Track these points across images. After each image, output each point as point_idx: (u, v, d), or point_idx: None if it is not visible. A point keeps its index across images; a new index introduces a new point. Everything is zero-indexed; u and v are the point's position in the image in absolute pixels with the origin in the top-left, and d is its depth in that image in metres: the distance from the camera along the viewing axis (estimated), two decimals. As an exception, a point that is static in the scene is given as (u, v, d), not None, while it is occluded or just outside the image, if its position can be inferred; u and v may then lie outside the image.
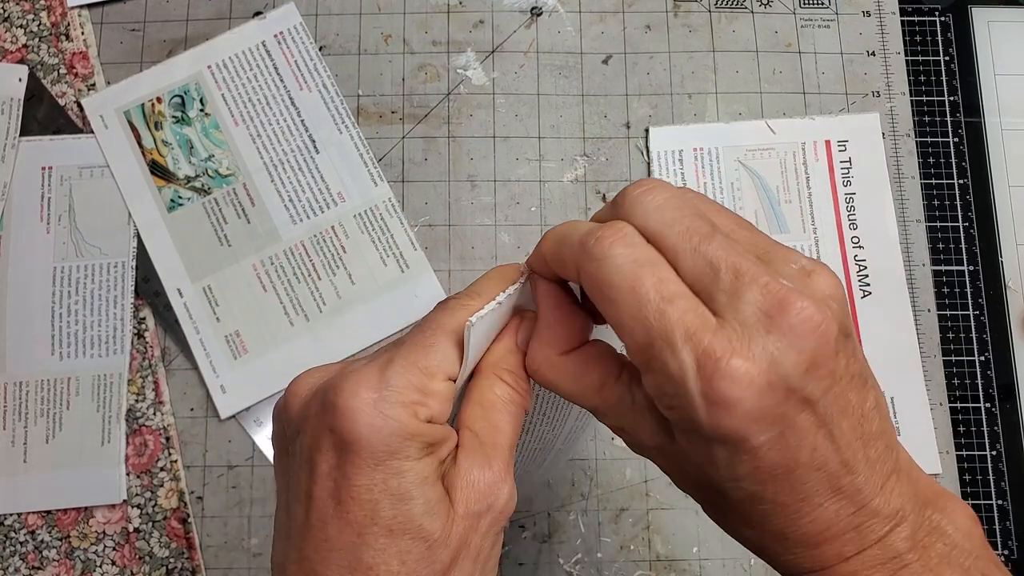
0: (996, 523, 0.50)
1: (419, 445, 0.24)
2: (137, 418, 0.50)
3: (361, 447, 0.24)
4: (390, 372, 0.24)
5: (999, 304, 0.53)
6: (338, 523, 0.24)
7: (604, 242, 0.23)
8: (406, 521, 0.24)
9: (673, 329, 0.21)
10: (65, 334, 0.51)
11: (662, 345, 0.21)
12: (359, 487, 0.24)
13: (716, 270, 0.22)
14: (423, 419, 0.24)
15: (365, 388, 0.24)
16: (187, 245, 0.52)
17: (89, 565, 0.49)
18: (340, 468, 0.24)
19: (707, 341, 0.21)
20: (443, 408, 0.25)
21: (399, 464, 0.24)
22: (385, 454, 0.24)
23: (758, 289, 0.22)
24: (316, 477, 0.24)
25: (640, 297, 0.22)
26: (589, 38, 0.56)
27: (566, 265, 0.25)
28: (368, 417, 0.24)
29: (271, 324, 0.51)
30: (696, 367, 0.21)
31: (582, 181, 0.54)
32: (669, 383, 0.22)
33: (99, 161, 0.53)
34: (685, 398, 0.21)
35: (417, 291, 0.52)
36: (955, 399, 0.51)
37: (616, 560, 0.49)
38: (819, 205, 0.54)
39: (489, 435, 0.26)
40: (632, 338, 0.22)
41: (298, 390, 0.26)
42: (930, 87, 0.56)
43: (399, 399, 0.24)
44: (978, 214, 0.54)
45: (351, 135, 0.54)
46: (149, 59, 0.55)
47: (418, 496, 0.24)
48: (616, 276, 0.23)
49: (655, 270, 0.23)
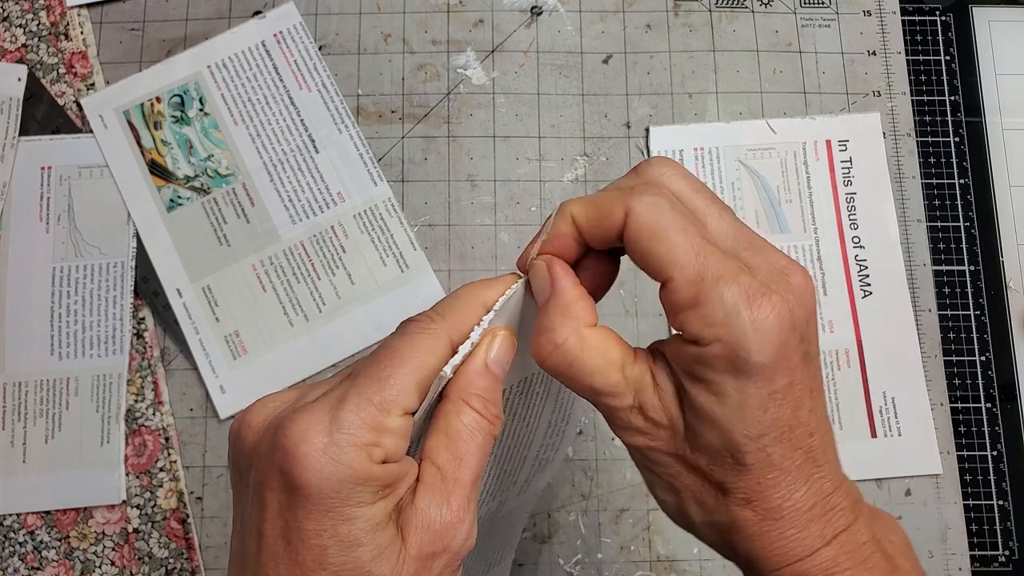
0: (996, 523, 0.50)
1: (372, 489, 0.24)
2: (136, 418, 0.50)
3: (310, 493, 0.23)
4: (342, 412, 0.24)
5: (1000, 304, 0.53)
6: (287, 563, 0.24)
7: (652, 190, 0.26)
8: (354, 567, 0.23)
9: (722, 266, 0.24)
10: (64, 334, 0.51)
11: (714, 278, 0.24)
12: (308, 531, 0.23)
13: (738, 234, 0.26)
14: (377, 460, 0.24)
15: (315, 431, 0.23)
16: (186, 245, 0.52)
17: (88, 565, 0.49)
18: (291, 510, 0.24)
19: (750, 280, 0.24)
20: (399, 446, 0.24)
21: (350, 511, 0.23)
22: (336, 501, 0.23)
23: (769, 252, 0.26)
24: (267, 515, 0.24)
25: (691, 237, 0.25)
26: (589, 37, 0.56)
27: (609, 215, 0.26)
28: (317, 463, 0.23)
29: (270, 324, 0.51)
30: (745, 297, 0.24)
31: (582, 181, 0.54)
32: (721, 311, 0.24)
33: (98, 161, 0.53)
34: (736, 325, 0.24)
35: (417, 291, 0.52)
36: (956, 399, 0.51)
37: (616, 561, 0.49)
38: (820, 205, 0.53)
39: (452, 469, 0.25)
40: (683, 273, 0.24)
41: (252, 421, 0.26)
42: (931, 87, 0.56)
43: (351, 441, 0.23)
44: (979, 214, 0.54)
45: (351, 135, 0.54)
46: (148, 59, 0.55)
47: (367, 543, 0.24)
48: (668, 216, 0.25)
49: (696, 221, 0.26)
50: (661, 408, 0.26)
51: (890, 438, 0.50)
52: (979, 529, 0.50)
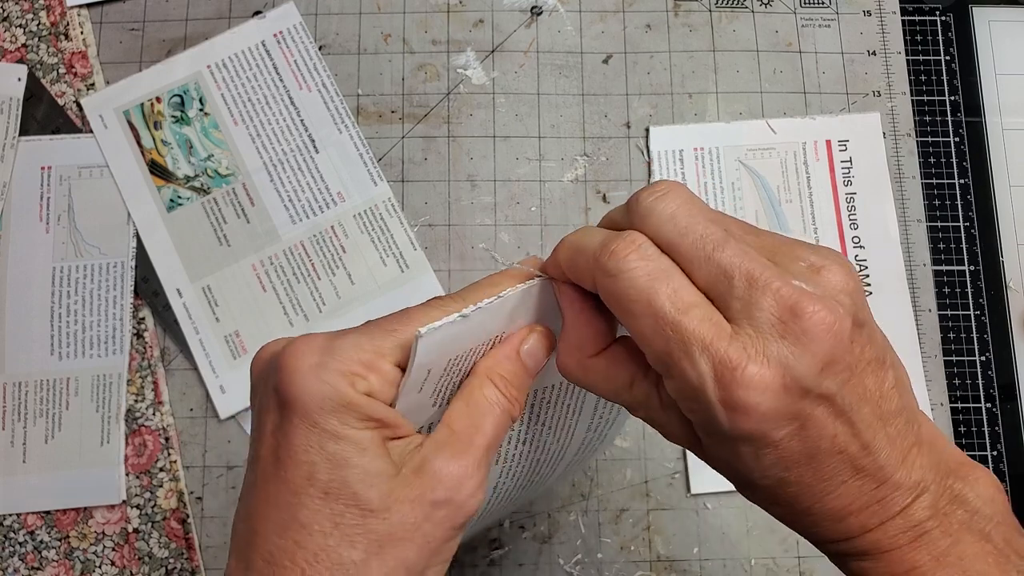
0: (997, 523, 0.50)
1: (358, 416, 0.24)
2: (136, 418, 0.50)
3: (296, 407, 0.24)
4: (339, 342, 0.25)
5: (1000, 304, 0.53)
6: (276, 481, 0.24)
7: (618, 255, 0.24)
8: (341, 486, 0.24)
9: (690, 340, 0.22)
10: (64, 334, 0.51)
11: (680, 355, 0.22)
12: (296, 447, 0.24)
13: (730, 277, 0.23)
14: (361, 390, 0.24)
15: (308, 352, 0.25)
16: (186, 245, 0.52)
17: (88, 565, 0.49)
18: (281, 427, 0.24)
19: (723, 350, 0.22)
20: (384, 388, 0.25)
21: (336, 429, 0.24)
22: (319, 415, 0.24)
23: (771, 295, 0.22)
24: (262, 436, 0.25)
25: (656, 310, 0.23)
26: (589, 37, 0.56)
27: (583, 276, 0.26)
28: (304, 378, 0.24)
29: (271, 324, 0.51)
30: (714, 375, 0.22)
31: (582, 181, 0.54)
32: (689, 390, 0.23)
33: (98, 161, 0.53)
34: (705, 404, 0.22)
35: (417, 291, 0.52)
36: (956, 399, 0.51)
37: (616, 561, 0.49)
38: (820, 205, 0.53)
39: (466, 433, 0.26)
40: (651, 348, 0.23)
41: (262, 354, 0.27)
42: (931, 87, 0.56)
43: (339, 368, 0.24)
44: (979, 214, 0.54)
45: (351, 135, 0.54)
46: (148, 59, 0.55)
47: (355, 464, 0.24)
48: (631, 290, 0.23)
49: (669, 281, 0.23)
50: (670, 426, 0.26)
51: (890, 438, 0.50)
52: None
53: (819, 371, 0.22)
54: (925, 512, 0.24)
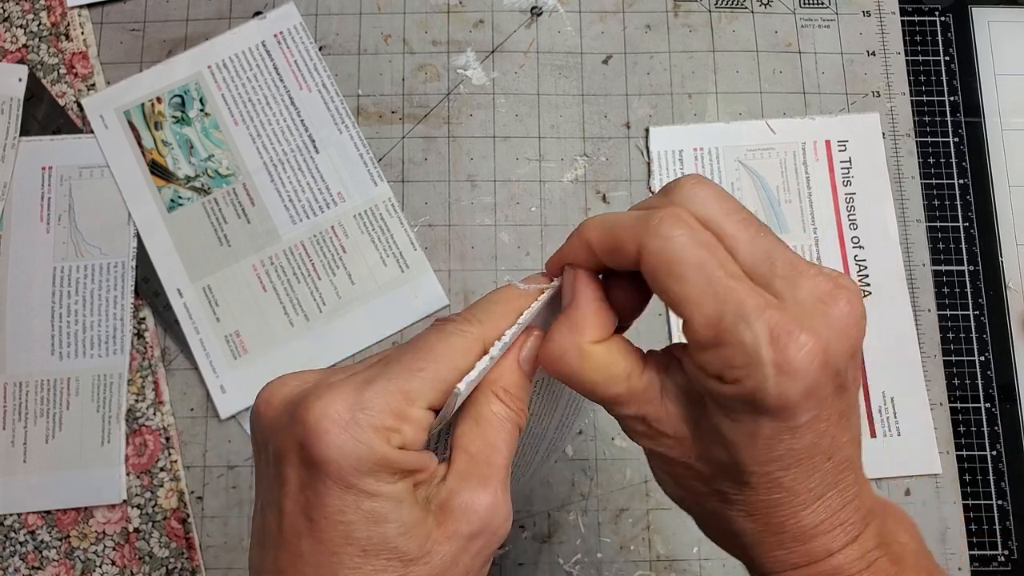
0: (996, 523, 0.50)
1: (390, 471, 0.24)
2: (137, 418, 0.50)
3: (330, 469, 0.23)
4: (368, 393, 0.24)
5: (999, 304, 0.53)
6: (311, 540, 0.24)
7: (668, 221, 0.24)
8: (381, 542, 0.24)
9: (744, 303, 0.23)
10: (65, 334, 0.51)
11: (734, 318, 0.22)
12: (331, 507, 0.23)
13: (774, 258, 0.24)
14: (395, 445, 0.24)
15: (338, 407, 0.23)
16: (187, 245, 0.52)
17: (89, 565, 0.49)
18: (312, 486, 0.24)
19: (777, 316, 0.22)
20: (418, 436, 0.25)
21: (372, 487, 0.23)
22: (354, 477, 0.23)
23: (811, 279, 0.23)
24: (287, 491, 0.24)
25: (709, 273, 0.23)
26: (589, 38, 0.56)
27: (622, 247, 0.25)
28: (338, 439, 0.23)
29: (271, 324, 0.51)
30: (769, 338, 0.22)
31: (582, 181, 0.54)
32: (741, 354, 0.22)
33: (99, 161, 0.53)
34: (756, 368, 0.22)
35: (417, 291, 0.52)
36: (955, 399, 0.51)
37: (616, 560, 0.49)
38: (819, 205, 0.54)
39: (485, 454, 0.26)
40: (701, 312, 0.23)
41: (271, 399, 0.26)
42: (930, 87, 0.56)
43: (372, 423, 0.23)
44: (978, 214, 0.54)
45: (351, 135, 0.54)
46: (149, 59, 0.55)
47: (393, 519, 0.24)
48: (684, 252, 0.23)
49: (719, 251, 0.24)
50: (666, 420, 0.26)
51: (889, 438, 0.51)
52: (978, 529, 0.50)
53: (848, 357, 0.23)
54: (873, 541, 0.25)
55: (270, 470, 0.25)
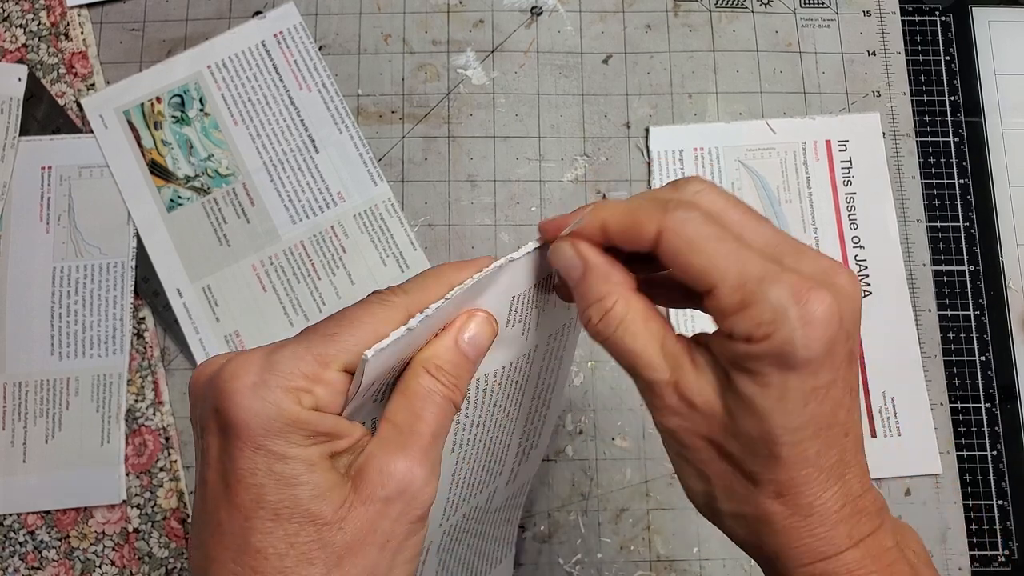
0: (996, 523, 0.50)
1: (304, 432, 0.24)
2: (136, 418, 0.50)
3: (240, 430, 0.23)
4: (277, 356, 0.24)
5: (999, 304, 0.53)
6: (227, 507, 0.24)
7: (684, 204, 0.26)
8: (293, 505, 0.24)
9: (765, 268, 0.24)
10: (64, 334, 0.51)
11: (758, 280, 0.24)
12: (243, 471, 0.24)
13: (779, 241, 0.26)
14: (307, 406, 0.24)
15: (247, 371, 0.24)
16: (186, 245, 0.52)
17: (89, 565, 0.49)
18: (226, 451, 0.24)
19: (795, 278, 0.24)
20: (332, 399, 0.25)
21: (282, 449, 0.24)
22: (265, 439, 0.23)
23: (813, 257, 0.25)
24: (208, 460, 0.25)
25: (728, 244, 0.25)
26: (589, 38, 0.56)
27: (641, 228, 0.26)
28: (246, 399, 0.23)
29: (271, 324, 0.51)
30: (793, 295, 0.24)
31: (582, 181, 0.54)
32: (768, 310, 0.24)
33: (99, 161, 0.53)
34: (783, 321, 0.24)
35: (417, 291, 0.52)
36: (955, 399, 0.51)
37: (616, 560, 0.49)
38: (819, 205, 0.54)
39: (408, 424, 0.26)
40: (725, 279, 0.25)
41: (198, 375, 0.26)
42: (931, 87, 0.56)
43: (281, 384, 0.24)
44: (979, 214, 0.54)
45: (351, 135, 0.54)
46: (149, 59, 0.55)
47: (305, 482, 0.24)
48: (703, 229, 0.25)
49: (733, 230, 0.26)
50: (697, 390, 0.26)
51: (890, 438, 0.51)
52: (979, 529, 0.50)
53: (854, 322, 0.25)
54: (890, 540, 0.26)
55: (198, 446, 0.26)
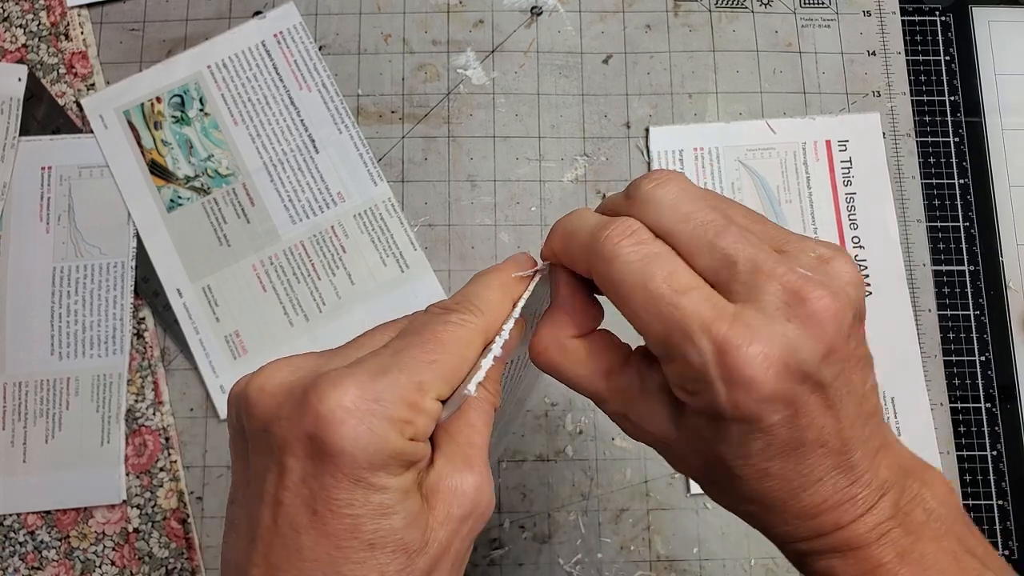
0: (996, 523, 0.50)
1: (401, 463, 0.23)
2: (136, 418, 0.50)
3: (344, 460, 0.22)
4: (382, 383, 0.23)
5: (999, 304, 0.53)
6: (314, 534, 0.23)
7: (612, 240, 0.24)
8: (387, 535, 0.23)
9: (689, 321, 0.22)
10: (64, 334, 0.51)
11: (680, 337, 0.22)
12: (339, 500, 0.23)
13: (734, 263, 0.23)
14: (408, 437, 0.23)
15: (353, 397, 0.23)
16: (186, 245, 0.52)
17: (89, 565, 0.49)
18: (317, 478, 0.23)
19: (724, 330, 0.22)
20: (428, 428, 0.24)
21: (383, 481, 0.23)
22: (367, 470, 0.23)
23: (776, 280, 0.22)
24: (287, 483, 0.23)
25: (652, 293, 0.23)
26: (589, 38, 0.56)
27: (576, 261, 0.25)
28: (354, 431, 0.22)
29: (271, 324, 0.51)
30: (715, 355, 0.22)
31: (582, 181, 0.54)
32: (690, 371, 0.22)
33: (99, 161, 0.53)
34: (706, 383, 0.22)
35: (417, 291, 0.52)
36: (955, 399, 0.51)
37: (616, 560, 0.49)
38: (819, 205, 0.54)
39: (466, 436, 0.26)
40: (648, 331, 0.23)
41: (265, 385, 0.24)
42: (931, 87, 0.56)
43: (388, 414, 0.23)
44: (979, 214, 0.54)
45: (351, 135, 0.54)
46: (149, 59, 0.55)
47: (400, 511, 0.23)
48: (627, 274, 0.23)
49: (665, 264, 0.23)
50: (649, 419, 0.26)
51: (890, 438, 0.51)
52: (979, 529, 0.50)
53: (821, 358, 0.22)
54: (889, 511, 0.24)
55: (262, 460, 0.24)
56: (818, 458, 0.24)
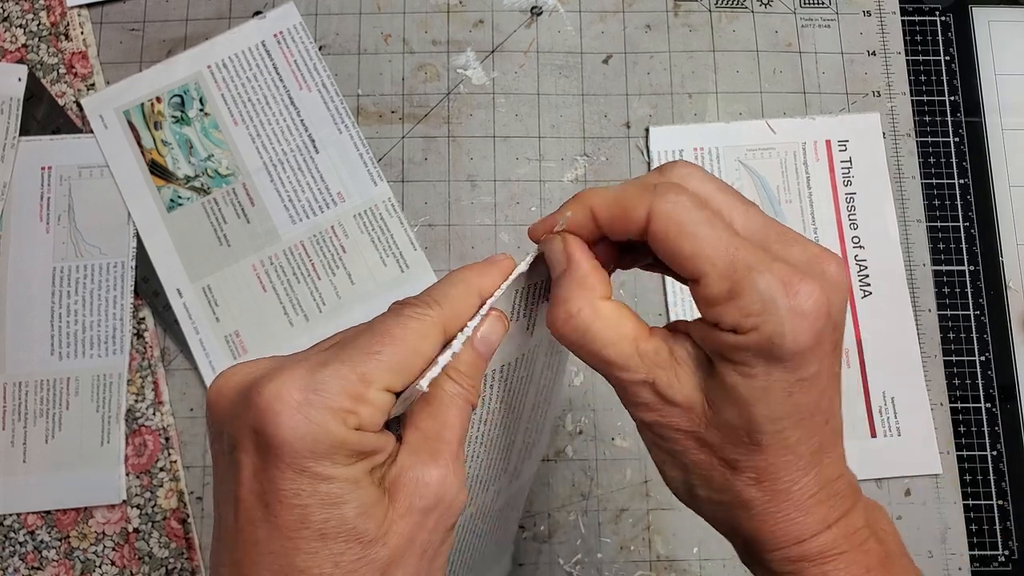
0: (996, 523, 0.50)
1: (346, 452, 0.23)
2: (136, 418, 0.50)
3: (284, 451, 0.23)
4: (322, 374, 0.23)
5: (999, 304, 0.53)
6: (267, 527, 0.23)
7: (674, 188, 0.25)
8: (339, 524, 0.23)
9: (755, 256, 0.24)
10: (64, 334, 0.51)
11: (747, 269, 0.24)
12: (286, 491, 0.23)
13: (767, 227, 0.26)
14: (351, 426, 0.23)
15: (291, 389, 0.23)
16: (186, 245, 0.52)
17: (89, 565, 0.49)
18: (265, 471, 0.23)
19: (785, 268, 0.24)
20: (375, 417, 0.24)
21: (328, 470, 0.23)
22: (310, 460, 0.23)
23: (801, 244, 0.25)
24: (241, 479, 0.24)
25: (718, 231, 0.24)
26: (589, 38, 0.56)
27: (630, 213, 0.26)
28: (291, 420, 0.23)
29: (270, 324, 0.51)
30: (781, 285, 0.24)
31: (582, 181, 0.54)
32: (758, 301, 0.24)
33: (99, 161, 0.53)
34: (773, 313, 0.24)
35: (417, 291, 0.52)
36: (955, 399, 0.51)
37: (616, 560, 0.49)
38: (819, 205, 0.54)
39: (435, 430, 0.26)
40: (715, 266, 0.24)
41: (222, 388, 0.25)
42: (931, 87, 0.56)
43: (327, 404, 0.23)
44: (978, 214, 0.54)
45: (351, 135, 0.54)
46: (149, 59, 0.55)
47: (350, 500, 0.23)
48: (692, 213, 0.25)
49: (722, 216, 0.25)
50: (676, 385, 0.26)
51: (890, 438, 0.51)
52: (979, 529, 0.50)
53: (840, 310, 0.25)
54: (861, 520, 0.26)
55: (224, 460, 0.25)
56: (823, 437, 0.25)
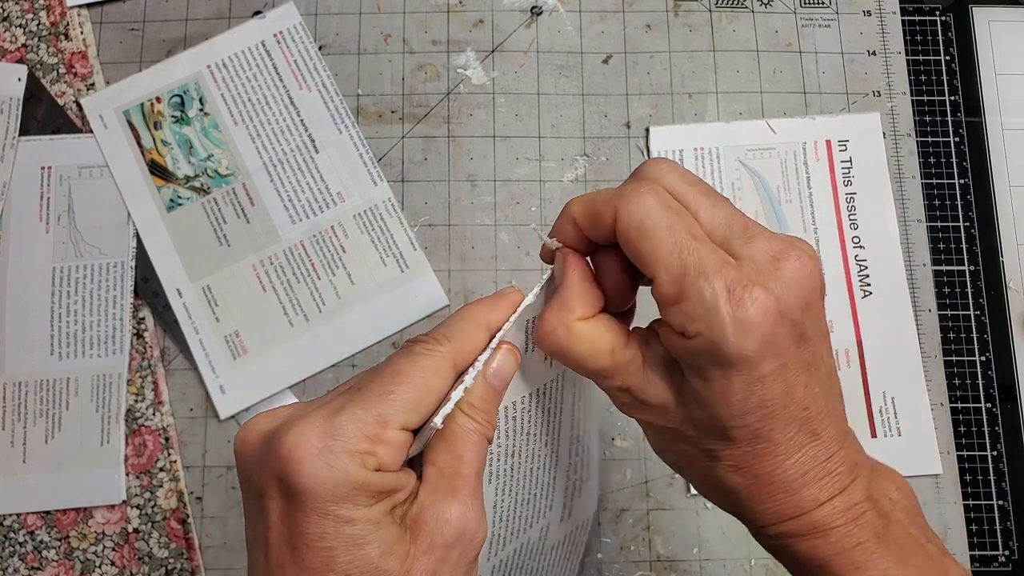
0: (996, 523, 0.50)
1: (368, 494, 0.24)
2: (136, 418, 0.50)
3: (307, 497, 0.24)
4: (339, 419, 0.25)
5: (1000, 304, 0.53)
6: (295, 569, 0.24)
7: (640, 188, 0.26)
8: (363, 564, 0.24)
9: (706, 261, 0.25)
10: (64, 334, 0.51)
11: (696, 275, 0.25)
12: (311, 535, 0.24)
13: (731, 224, 0.26)
14: (371, 468, 0.24)
15: (310, 436, 0.24)
16: (186, 245, 0.52)
17: (88, 566, 0.49)
18: (291, 516, 0.24)
19: (733, 274, 0.25)
20: (394, 457, 0.25)
21: (350, 512, 0.24)
22: (332, 503, 0.24)
23: (765, 239, 0.26)
24: (270, 524, 0.25)
25: (675, 234, 0.25)
26: (589, 37, 0.56)
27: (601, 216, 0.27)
28: (312, 467, 0.24)
29: (270, 324, 0.51)
30: (727, 293, 0.24)
31: (582, 181, 0.54)
32: (701, 307, 0.24)
33: (98, 161, 0.53)
34: (716, 320, 0.24)
35: (417, 291, 0.52)
36: (955, 399, 0.51)
37: (616, 561, 0.49)
38: (820, 205, 0.53)
39: (452, 466, 0.26)
40: (667, 270, 0.25)
41: (247, 437, 0.27)
42: (931, 87, 0.56)
43: (345, 448, 0.24)
44: (979, 214, 0.54)
45: (351, 135, 0.54)
46: (148, 59, 0.55)
47: (373, 540, 0.24)
48: (654, 214, 0.26)
49: (684, 215, 0.26)
50: (648, 390, 0.27)
51: (890, 438, 0.51)
52: (979, 529, 0.50)
53: (803, 308, 0.25)
54: (861, 494, 0.27)
55: (253, 505, 0.26)
56: (802, 423, 0.26)
